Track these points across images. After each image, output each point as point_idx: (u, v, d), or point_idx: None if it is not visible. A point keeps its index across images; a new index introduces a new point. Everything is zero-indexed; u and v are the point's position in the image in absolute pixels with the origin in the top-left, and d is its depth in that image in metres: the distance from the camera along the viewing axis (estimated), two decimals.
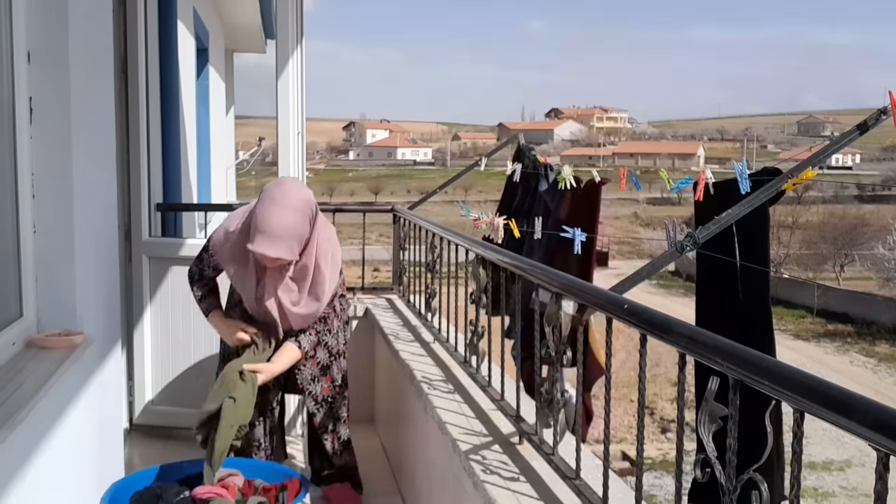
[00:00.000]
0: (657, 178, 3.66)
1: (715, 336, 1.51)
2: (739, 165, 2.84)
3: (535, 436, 2.42)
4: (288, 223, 2.78)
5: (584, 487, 2.08)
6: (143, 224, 3.99)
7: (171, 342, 4.08)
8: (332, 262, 3.02)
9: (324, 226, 3.01)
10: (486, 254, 2.90)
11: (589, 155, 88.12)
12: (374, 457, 4.06)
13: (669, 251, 2.77)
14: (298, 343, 3.05)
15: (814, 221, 45.46)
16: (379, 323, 4.43)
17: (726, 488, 1.47)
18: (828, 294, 34.41)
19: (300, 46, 4.20)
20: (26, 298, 2.35)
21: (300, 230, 2.83)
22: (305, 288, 2.97)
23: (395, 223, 5.21)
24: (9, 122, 2.26)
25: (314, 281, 2.97)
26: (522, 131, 5.98)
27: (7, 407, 1.82)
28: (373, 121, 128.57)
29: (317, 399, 3.24)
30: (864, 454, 19.09)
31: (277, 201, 2.79)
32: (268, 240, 2.75)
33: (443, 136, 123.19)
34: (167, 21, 4.40)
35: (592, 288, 2.14)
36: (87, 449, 2.59)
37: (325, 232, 3.02)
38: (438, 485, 2.97)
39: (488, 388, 2.91)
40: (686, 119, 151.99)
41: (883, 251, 36.72)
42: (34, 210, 2.34)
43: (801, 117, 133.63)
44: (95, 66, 2.68)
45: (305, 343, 3.07)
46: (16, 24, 2.25)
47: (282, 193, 2.81)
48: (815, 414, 1.21)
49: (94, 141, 2.65)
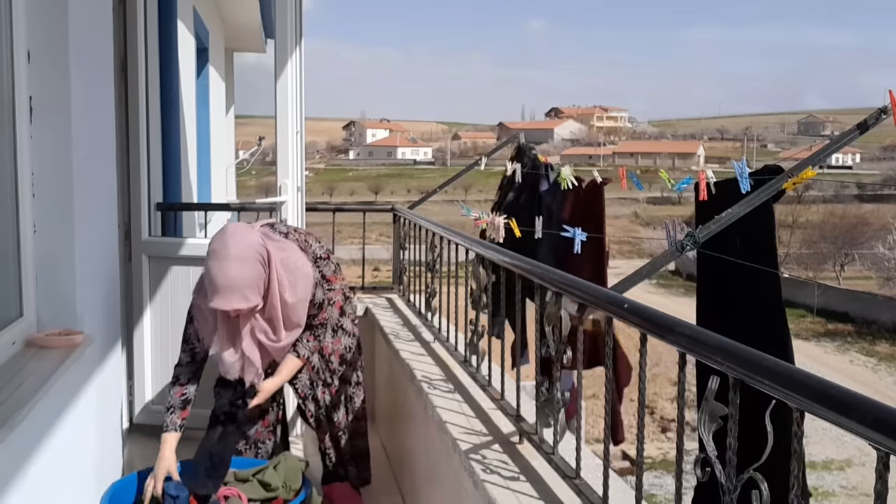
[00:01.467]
0: (657, 178, 3.66)
1: (715, 336, 1.51)
2: (739, 164, 2.84)
3: (536, 435, 2.42)
4: (234, 274, 2.72)
5: (584, 487, 2.08)
6: (143, 224, 3.98)
7: (171, 342, 4.06)
8: (301, 288, 2.94)
9: (280, 252, 2.90)
10: (486, 253, 2.90)
11: (589, 154, 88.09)
12: (375, 456, 4.05)
13: (669, 250, 2.77)
14: (297, 353, 3.06)
15: (814, 221, 45.48)
16: (379, 322, 4.43)
17: (727, 488, 1.47)
18: (828, 293, 34.41)
19: (299, 46, 4.20)
20: (26, 298, 2.35)
21: (251, 277, 2.76)
22: (280, 323, 2.92)
23: (396, 223, 5.21)
24: (9, 122, 2.26)
25: (286, 315, 2.92)
26: (522, 130, 5.98)
27: (7, 406, 1.82)
28: (373, 120, 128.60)
29: (315, 400, 3.26)
30: (865, 453, 19.09)
31: (220, 255, 2.75)
32: (220, 295, 2.71)
33: (443, 136, 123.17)
34: (167, 21, 4.40)
35: (593, 287, 2.14)
36: (87, 448, 2.59)
37: (285, 258, 2.91)
38: (439, 484, 2.97)
39: (488, 387, 2.91)
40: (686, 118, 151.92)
41: (883, 250, 36.73)
42: (34, 210, 2.34)
43: (801, 116, 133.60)
44: (95, 66, 2.68)
45: (304, 350, 3.08)
46: (16, 24, 2.25)
47: (222, 246, 2.76)
48: (815, 413, 1.21)
49: (94, 141, 2.65)
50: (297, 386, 3.23)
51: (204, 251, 4.08)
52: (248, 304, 2.75)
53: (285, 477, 2.92)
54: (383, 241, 30.92)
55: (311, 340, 3.10)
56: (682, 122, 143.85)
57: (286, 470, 2.94)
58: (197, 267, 4.02)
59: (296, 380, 3.20)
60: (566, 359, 2.22)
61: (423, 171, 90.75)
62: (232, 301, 2.72)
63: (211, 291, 2.73)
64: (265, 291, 2.83)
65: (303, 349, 3.07)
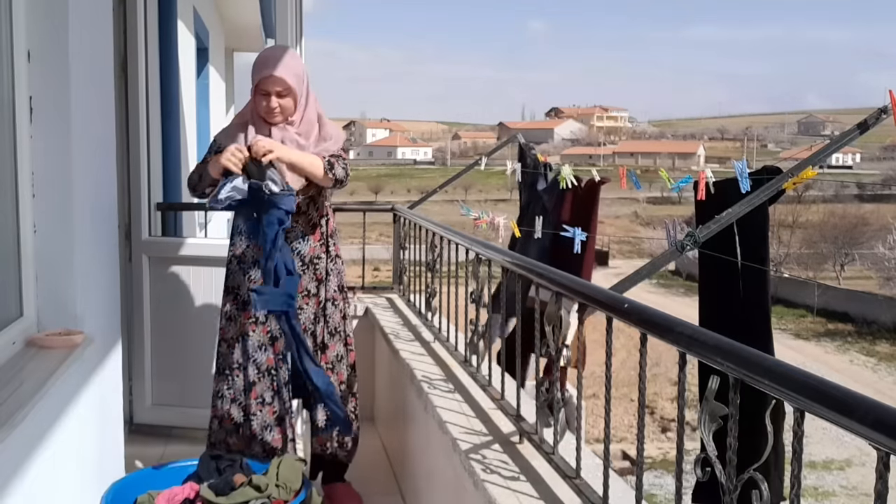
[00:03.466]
0: (657, 178, 3.66)
1: (715, 335, 1.51)
2: (740, 164, 2.85)
3: (536, 435, 2.42)
4: (287, 55, 2.95)
5: (584, 487, 2.08)
6: (143, 223, 3.99)
7: (172, 342, 4.07)
8: (332, 130, 3.06)
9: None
10: (486, 253, 2.90)
11: (589, 154, 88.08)
12: (375, 456, 4.06)
13: (669, 250, 2.77)
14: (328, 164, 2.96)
15: (814, 220, 45.45)
16: (379, 322, 4.43)
17: (727, 487, 1.47)
18: (828, 293, 34.41)
19: (300, 45, 4.20)
20: (26, 298, 2.35)
21: (299, 66, 2.95)
22: (313, 136, 2.99)
23: (396, 222, 5.21)
24: (9, 122, 2.26)
25: (321, 132, 3.01)
26: (522, 130, 5.98)
27: (7, 406, 1.82)
28: (373, 120, 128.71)
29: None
30: (865, 453, 19.09)
31: (276, 48, 3.04)
32: (272, 66, 2.87)
33: (443, 136, 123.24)
34: (167, 20, 4.40)
35: (592, 287, 2.14)
36: (87, 448, 2.59)
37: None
38: (439, 484, 2.97)
39: (488, 387, 2.91)
40: (686, 118, 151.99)
41: (883, 250, 36.70)
42: (34, 209, 2.34)
43: (801, 116, 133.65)
44: (95, 66, 2.68)
45: (339, 170, 2.97)
46: (16, 24, 2.25)
47: (275, 46, 3.03)
48: (815, 413, 1.21)
49: (94, 140, 2.65)
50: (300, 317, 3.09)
51: (204, 251, 4.09)
52: (296, 83, 2.90)
53: (284, 478, 2.90)
54: (383, 241, 30.94)
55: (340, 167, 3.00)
56: (683, 122, 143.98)
57: (284, 470, 2.92)
58: (197, 267, 4.04)
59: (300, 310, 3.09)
60: (565, 359, 2.22)
61: (424, 171, 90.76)
62: (284, 71, 2.87)
63: (263, 66, 2.88)
64: (304, 99, 2.96)
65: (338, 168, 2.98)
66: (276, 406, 3.08)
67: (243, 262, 3.08)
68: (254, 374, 3.06)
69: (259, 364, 3.07)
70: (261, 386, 3.07)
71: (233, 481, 2.65)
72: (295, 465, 2.89)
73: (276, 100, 2.90)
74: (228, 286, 3.12)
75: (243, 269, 3.07)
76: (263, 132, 2.95)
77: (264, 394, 3.08)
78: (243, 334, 3.06)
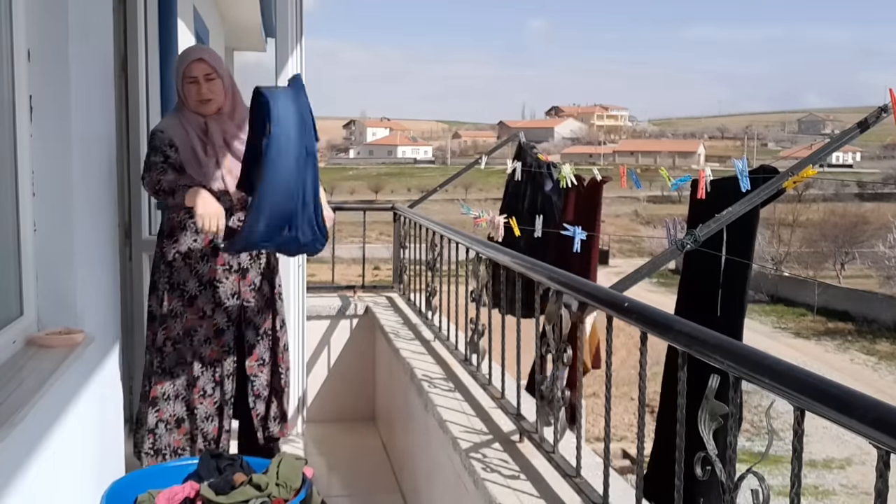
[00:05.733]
0: (657, 176, 3.66)
1: (715, 334, 1.52)
2: (740, 163, 2.85)
3: (536, 434, 2.42)
4: (206, 48, 3.21)
5: (584, 485, 2.09)
6: (144, 223, 3.98)
7: None
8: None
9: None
10: (486, 252, 2.91)
11: (589, 153, 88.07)
12: (375, 455, 4.06)
13: (670, 249, 2.78)
14: None
15: (814, 219, 45.44)
16: (379, 321, 4.43)
17: (726, 486, 1.47)
18: (828, 292, 34.40)
19: (300, 45, 4.19)
20: (27, 297, 2.35)
21: (218, 55, 3.12)
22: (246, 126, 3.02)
23: (396, 221, 5.21)
24: (9, 121, 2.26)
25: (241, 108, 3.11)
26: (523, 129, 5.98)
27: (7, 406, 1.82)
28: (373, 119, 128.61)
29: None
30: (865, 452, 19.07)
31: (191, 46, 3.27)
32: (194, 53, 3.02)
33: (443, 135, 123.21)
34: (167, 20, 4.40)
35: (593, 286, 2.14)
36: (87, 447, 2.59)
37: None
38: (439, 483, 2.97)
39: (489, 386, 2.91)
40: (686, 117, 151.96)
41: (883, 249, 36.70)
42: (34, 208, 2.34)
43: (801, 115, 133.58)
44: (95, 66, 2.68)
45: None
46: (16, 24, 2.25)
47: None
48: (815, 411, 1.21)
49: (95, 140, 2.65)
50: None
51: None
52: (220, 69, 3.03)
53: (284, 476, 2.90)
54: (384, 240, 30.92)
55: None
56: (683, 121, 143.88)
57: (284, 469, 2.92)
58: None
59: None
60: (566, 357, 2.22)
61: (424, 170, 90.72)
62: (209, 58, 3.01)
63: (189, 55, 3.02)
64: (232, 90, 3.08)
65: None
66: (217, 397, 3.12)
67: (190, 257, 3.07)
68: (198, 368, 3.09)
69: (203, 358, 3.10)
70: (203, 379, 3.11)
71: (233, 480, 2.65)
72: (295, 463, 2.90)
73: (205, 84, 2.98)
74: (172, 283, 3.09)
75: (190, 264, 3.07)
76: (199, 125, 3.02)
77: (206, 386, 3.11)
78: (190, 329, 3.07)
